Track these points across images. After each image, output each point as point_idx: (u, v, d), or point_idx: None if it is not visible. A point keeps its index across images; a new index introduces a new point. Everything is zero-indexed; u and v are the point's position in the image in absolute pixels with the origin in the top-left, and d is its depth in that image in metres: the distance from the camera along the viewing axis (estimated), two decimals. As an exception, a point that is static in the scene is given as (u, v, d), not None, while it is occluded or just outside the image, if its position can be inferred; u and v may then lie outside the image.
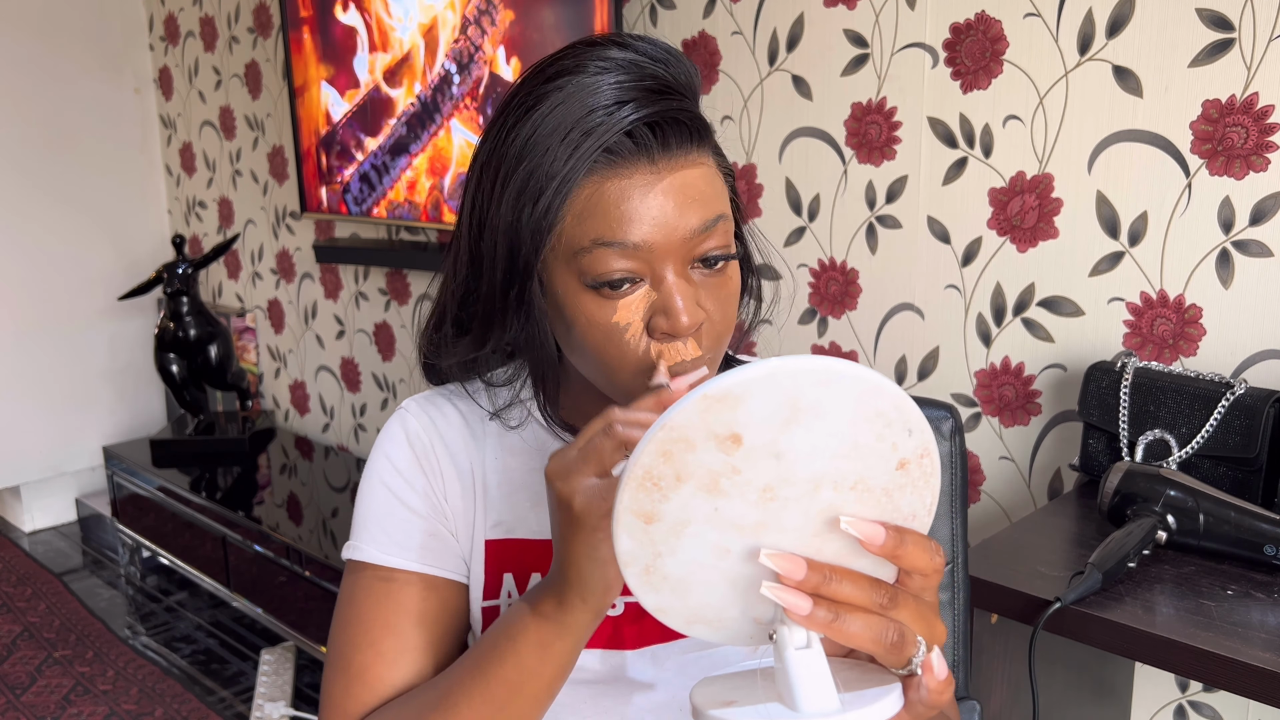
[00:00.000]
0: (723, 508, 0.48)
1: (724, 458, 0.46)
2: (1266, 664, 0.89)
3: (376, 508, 0.76)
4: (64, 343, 3.14)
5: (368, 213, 2.43)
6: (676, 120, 0.64)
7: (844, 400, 0.46)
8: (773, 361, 0.45)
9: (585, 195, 0.63)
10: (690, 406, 0.45)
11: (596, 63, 0.64)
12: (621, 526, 0.49)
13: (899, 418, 0.47)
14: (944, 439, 1.02)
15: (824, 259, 1.72)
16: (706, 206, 0.64)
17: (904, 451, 0.48)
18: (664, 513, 0.48)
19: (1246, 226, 1.28)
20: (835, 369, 0.45)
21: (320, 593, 2.17)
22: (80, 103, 3.10)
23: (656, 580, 0.50)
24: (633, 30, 1.91)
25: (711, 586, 0.51)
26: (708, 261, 0.65)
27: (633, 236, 0.63)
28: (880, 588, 0.49)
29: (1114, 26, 1.35)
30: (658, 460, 0.47)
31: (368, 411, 2.77)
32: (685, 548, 0.49)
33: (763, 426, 0.46)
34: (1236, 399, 1.18)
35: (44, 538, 3.17)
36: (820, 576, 0.48)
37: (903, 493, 0.49)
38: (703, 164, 0.65)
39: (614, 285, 0.64)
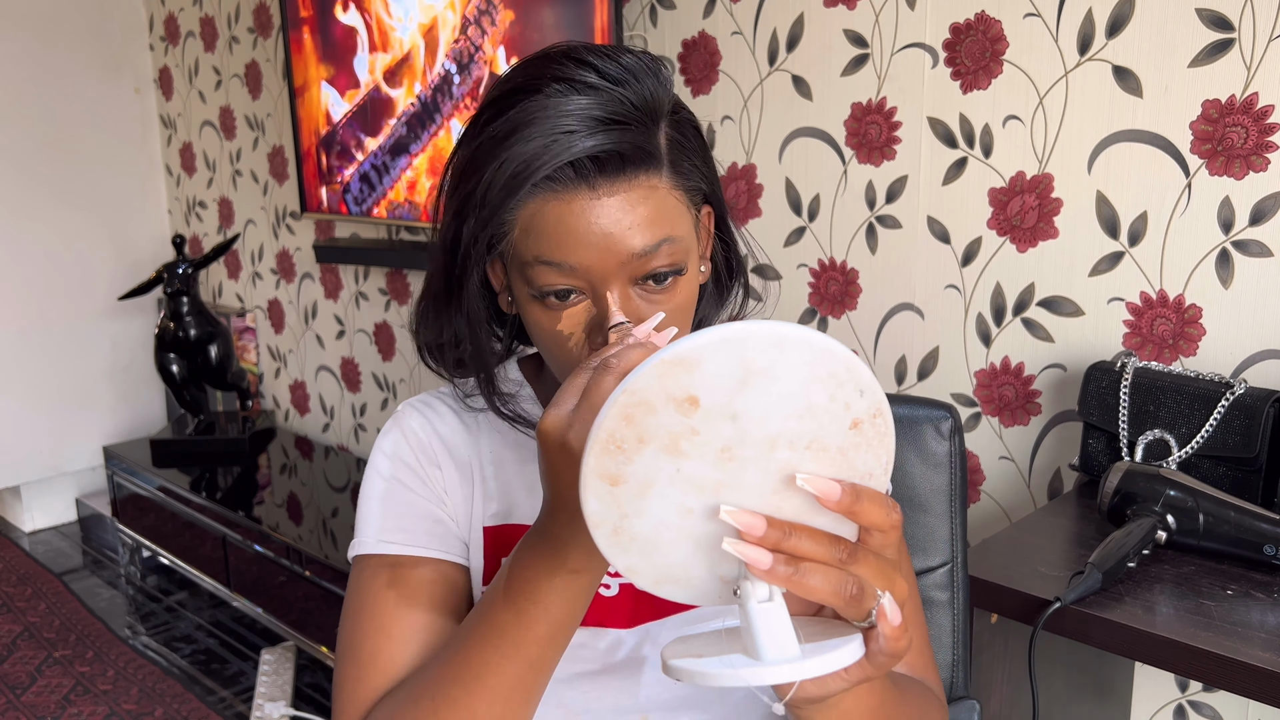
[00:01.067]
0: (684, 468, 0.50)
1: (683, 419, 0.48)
2: (1266, 664, 0.89)
3: (378, 501, 0.79)
4: (64, 343, 3.14)
5: (368, 213, 2.43)
6: (617, 146, 0.64)
7: (795, 363, 0.48)
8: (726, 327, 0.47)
9: (529, 213, 0.66)
10: (649, 371, 0.47)
11: (553, 84, 0.65)
12: (589, 489, 0.50)
13: (850, 379, 0.49)
14: (944, 439, 1.02)
15: (824, 259, 1.72)
16: (649, 229, 0.66)
17: (856, 411, 0.50)
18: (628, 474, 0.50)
19: (1246, 226, 1.28)
20: (785, 333, 0.47)
21: (320, 593, 2.17)
22: (80, 103, 3.10)
23: (625, 541, 0.52)
24: (632, 30, 1.91)
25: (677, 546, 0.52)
26: (655, 278, 0.68)
27: (569, 259, 0.65)
28: (839, 543, 0.51)
29: (1114, 26, 1.35)
30: (620, 424, 0.49)
31: (368, 411, 2.77)
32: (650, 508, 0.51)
33: (718, 389, 0.48)
34: (1236, 399, 1.18)
35: (44, 538, 3.17)
36: (780, 532, 0.50)
37: (858, 451, 0.51)
38: (648, 186, 0.67)
39: (558, 296, 0.67)
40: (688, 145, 0.70)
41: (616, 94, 0.66)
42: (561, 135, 0.64)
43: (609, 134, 0.64)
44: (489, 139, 0.67)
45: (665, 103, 0.69)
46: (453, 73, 2.14)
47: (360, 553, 0.78)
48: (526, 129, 0.65)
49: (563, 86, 0.65)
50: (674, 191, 0.68)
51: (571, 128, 0.64)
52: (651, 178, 0.67)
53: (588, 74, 0.66)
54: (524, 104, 0.66)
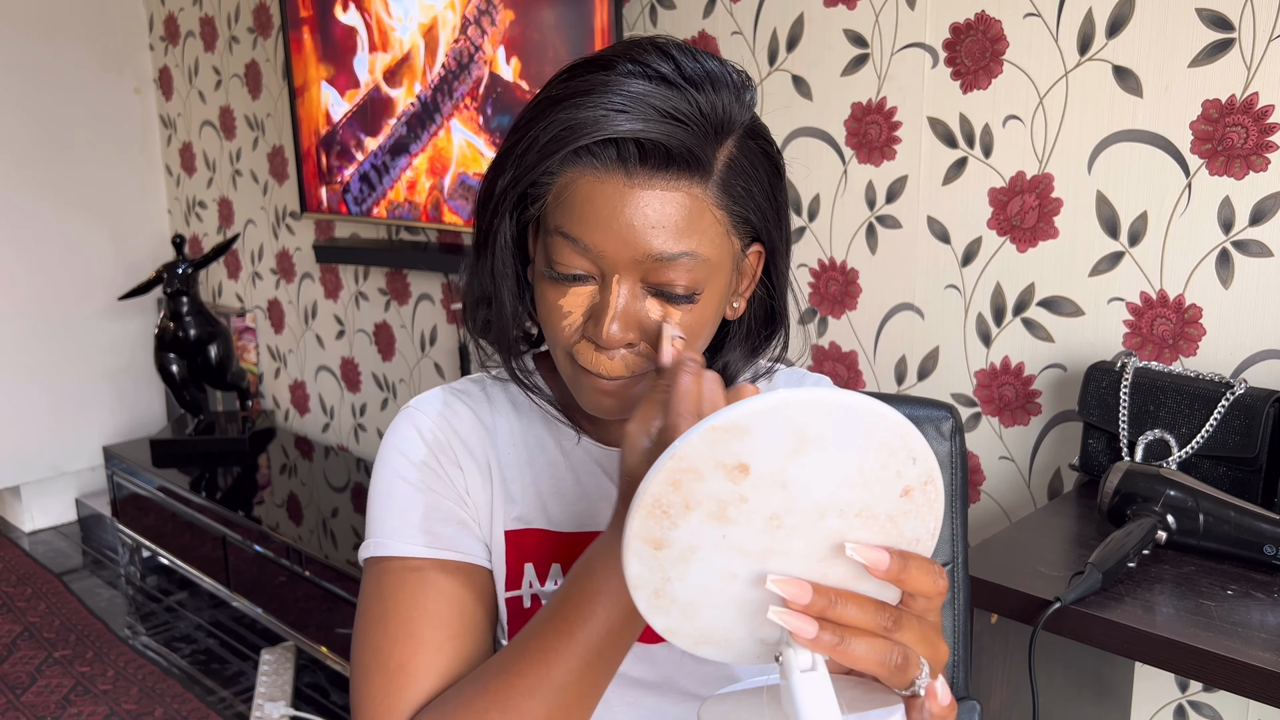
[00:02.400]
0: (730, 534, 0.48)
1: (732, 486, 0.47)
2: (1266, 664, 0.89)
3: (396, 502, 0.75)
4: (64, 343, 3.14)
5: (368, 213, 2.43)
6: (665, 140, 0.62)
7: (849, 431, 0.47)
8: (780, 393, 0.46)
9: (564, 183, 0.65)
10: (698, 438, 0.46)
11: (627, 64, 0.64)
12: (631, 552, 0.50)
13: (903, 446, 0.48)
14: (944, 439, 1.02)
15: (824, 259, 1.72)
16: (675, 236, 0.64)
17: (908, 479, 0.49)
18: (673, 539, 0.49)
19: (1246, 226, 1.28)
20: (841, 401, 0.46)
21: (320, 593, 2.17)
22: (80, 103, 3.10)
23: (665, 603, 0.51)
24: (632, 31, 1.91)
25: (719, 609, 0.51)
26: (665, 295, 0.66)
27: (586, 237, 0.64)
28: (884, 611, 0.50)
29: (1114, 26, 1.35)
30: (666, 489, 0.48)
31: (368, 411, 2.77)
32: (693, 573, 0.50)
33: (770, 457, 0.47)
34: (1236, 399, 1.18)
35: (44, 538, 3.17)
36: (826, 600, 0.49)
37: (907, 519, 0.50)
38: (689, 194, 0.64)
39: (568, 277, 0.66)
40: (751, 173, 0.67)
41: (686, 93, 0.63)
42: (613, 112, 0.62)
43: (661, 125, 0.62)
44: (547, 99, 0.66)
45: (738, 121, 0.66)
46: (453, 73, 2.14)
47: (379, 554, 0.73)
48: (583, 97, 0.63)
49: (635, 68, 0.64)
50: (716, 210, 0.66)
51: (625, 108, 0.62)
52: (695, 186, 0.64)
53: (664, 65, 0.64)
54: (591, 75, 0.65)
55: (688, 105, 0.63)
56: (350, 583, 2.08)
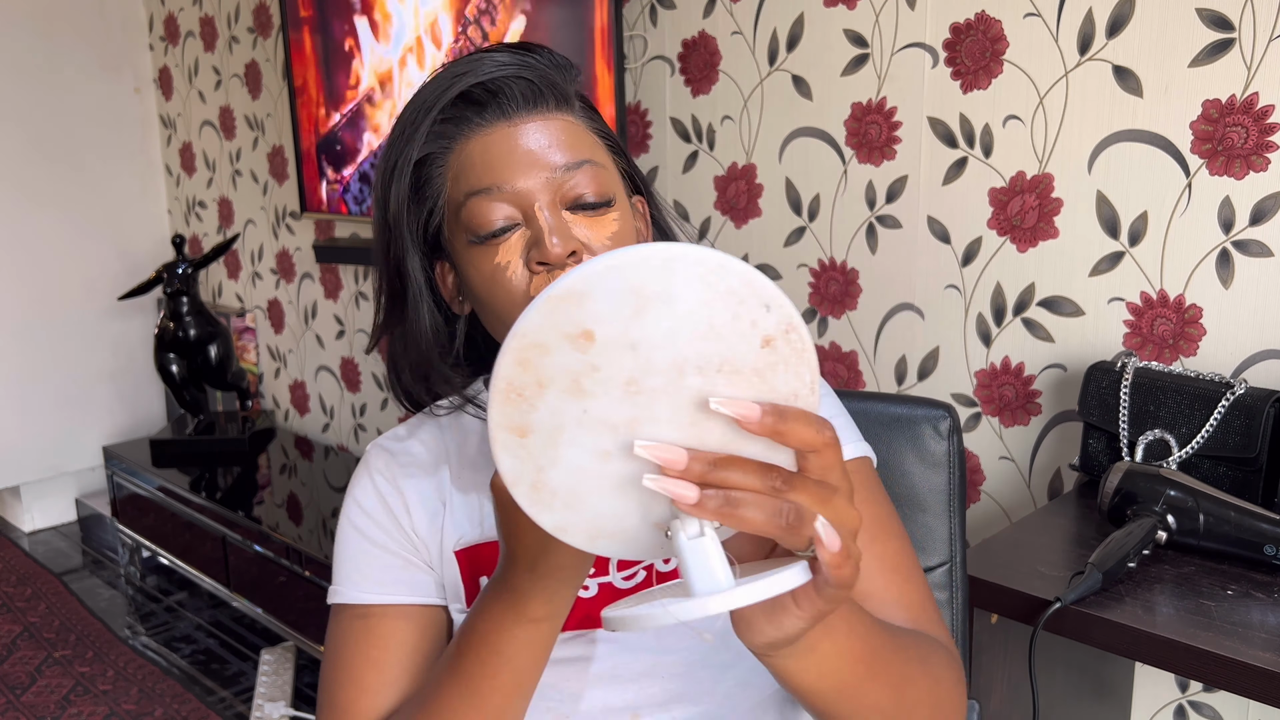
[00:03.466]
0: (591, 408, 0.47)
1: (580, 356, 0.46)
2: (1266, 664, 0.89)
3: (348, 550, 0.81)
4: (64, 343, 3.14)
5: (368, 212, 2.43)
6: (524, 79, 0.70)
7: (689, 283, 0.45)
8: (612, 254, 0.45)
9: (456, 159, 0.71)
10: (537, 309, 0.45)
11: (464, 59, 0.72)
12: (499, 445, 0.48)
13: (751, 294, 0.46)
14: (941, 439, 1.02)
15: (824, 259, 1.72)
16: (569, 150, 0.70)
17: (766, 328, 0.46)
18: (535, 423, 0.47)
19: (1246, 226, 1.28)
20: (674, 252, 0.45)
21: (320, 592, 2.17)
22: (80, 103, 3.10)
23: (546, 496, 0.49)
24: (632, 30, 1.91)
25: (602, 494, 0.49)
26: (583, 206, 0.70)
27: (497, 180, 0.69)
28: (771, 470, 0.47)
29: (1114, 26, 1.35)
30: (516, 370, 0.46)
31: (368, 411, 2.77)
32: (565, 456, 0.48)
33: (612, 319, 0.45)
34: (1236, 399, 1.18)
35: (44, 538, 3.17)
36: (704, 465, 0.47)
37: (775, 371, 0.47)
38: (565, 121, 0.72)
39: (494, 234, 0.70)
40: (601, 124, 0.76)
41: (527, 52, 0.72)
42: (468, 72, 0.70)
43: (518, 69, 0.70)
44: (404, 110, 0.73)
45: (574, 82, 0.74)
46: (453, 73, 2.14)
47: (334, 601, 0.80)
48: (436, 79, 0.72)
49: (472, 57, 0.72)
50: (592, 134, 0.73)
51: (479, 67, 0.70)
52: (566, 114, 0.72)
53: (499, 49, 0.72)
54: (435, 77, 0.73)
55: (533, 57, 0.72)
56: (350, 583, 2.08)
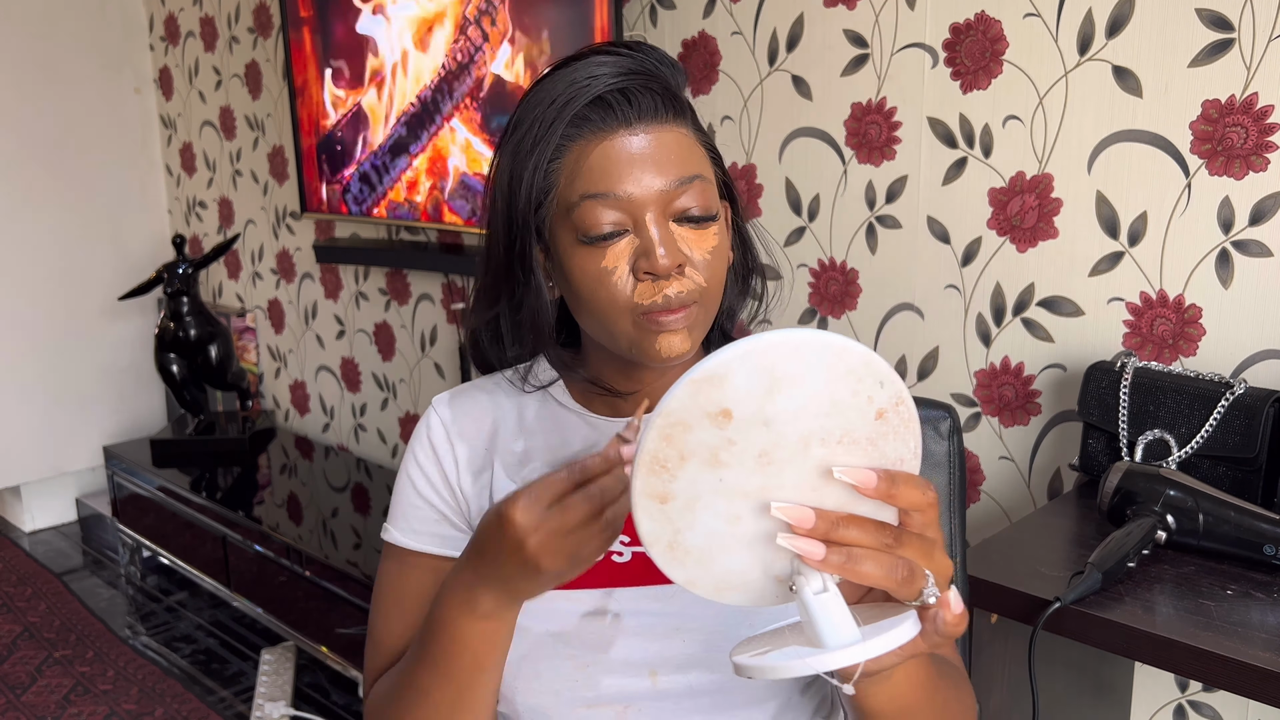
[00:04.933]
0: (726, 477, 0.52)
1: (719, 432, 0.51)
2: (1266, 664, 0.89)
3: (401, 496, 0.86)
4: (64, 342, 3.14)
5: (368, 213, 2.43)
6: (648, 89, 0.74)
7: (815, 364, 0.51)
8: (746, 340, 0.50)
9: (574, 158, 0.74)
10: (681, 391, 0.51)
11: (589, 54, 0.75)
12: (640, 510, 0.53)
13: (868, 373, 0.52)
14: (942, 439, 1.02)
15: (824, 259, 1.72)
16: (682, 165, 0.74)
17: (880, 402, 0.53)
18: (675, 491, 0.53)
19: (1246, 226, 1.28)
20: (803, 338, 0.51)
21: (320, 593, 2.17)
22: (80, 103, 3.10)
23: (680, 555, 0.55)
24: (632, 30, 1.91)
25: (731, 553, 0.55)
26: (689, 219, 0.74)
27: (613, 187, 0.72)
28: (885, 528, 0.54)
29: (1114, 26, 1.35)
30: (661, 444, 0.52)
31: (368, 411, 2.77)
32: (700, 520, 0.54)
33: (748, 399, 0.51)
34: (1236, 399, 1.18)
35: (44, 538, 3.17)
36: (829, 523, 0.53)
37: (886, 440, 0.53)
38: (678, 131, 0.75)
39: (604, 237, 0.73)
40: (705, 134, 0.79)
41: (646, 57, 0.75)
42: (596, 77, 0.73)
43: (640, 79, 0.74)
44: (532, 95, 0.76)
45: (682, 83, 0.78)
46: (452, 73, 2.14)
47: (385, 538, 0.86)
48: (565, 79, 0.74)
49: (597, 56, 0.75)
50: (700, 146, 0.77)
51: (604, 73, 0.73)
52: (680, 125, 0.75)
53: (619, 49, 0.76)
54: (561, 69, 0.76)
55: (652, 65, 0.76)
56: (350, 582, 2.08)
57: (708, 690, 0.79)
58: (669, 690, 0.79)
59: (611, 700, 0.79)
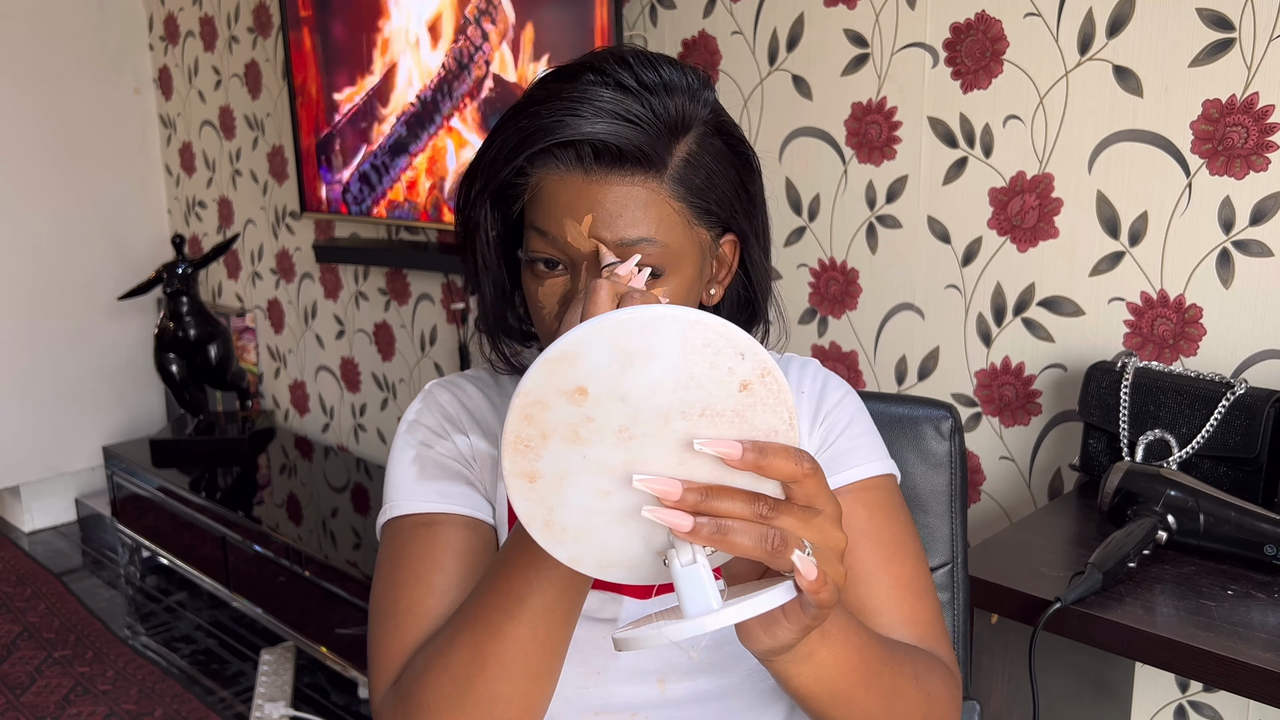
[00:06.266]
0: (589, 454, 0.53)
1: (576, 409, 0.52)
2: (1266, 664, 0.89)
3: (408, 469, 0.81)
4: (64, 343, 3.14)
5: (368, 213, 2.43)
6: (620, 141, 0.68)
7: (668, 339, 0.51)
8: (600, 317, 0.50)
9: (535, 182, 0.72)
10: (536, 371, 0.51)
11: (588, 73, 0.70)
12: (513, 491, 0.54)
13: (726, 345, 0.51)
14: (943, 439, 1.02)
15: (824, 259, 1.72)
16: (631, 226, 0.69)
17: (743, 374, 0.52)
18: (541, 469, 0.53)
19: (1247, 226, 1.28)
20: (653, 313, 0.50)
21: (320, 593, 2.17)
22: (80, 103, 3.10)
23: (558, 533, 0.55)
24: (632, 30, 1.91)
25: (608, 529, 0.55)
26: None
27: (554, 230, 0.71)
28: (759, 499, 0.52)
29: (1114, 26, 1.35)
30: (522, 424, 0.52)
31: (368, 411, 2.77)
32: (570, 497, 0.54)
33: (603, 375, 0.51)
34: (1237, 399, 1.18)
35: (44, 538, 3.17)
36: (698, 495, 0.51)
37: (754, 412, 0.52)
38: (646, 188, 0.69)
39: (545, 264, 0.72)
40: (713, 168, 0.72)
41: (641, 97, 0.69)
42: (568, 118, 0.68)
43: (614, 127, 0.68)
44: (515, 107, 0.73)
45: (694, 120, 0.71)
46: (452, 73, 2.14)
47: (393, 515, 0.79)
48: (544, 105, 0.70)
49: (595, 77, 0.70)
50: (673, 202, 0.71)
51: (582, 114, 0.68)
52: (650, 181, 0.70)
53: (622, 73, 0.70)
54: (555, 84, 0.71)
55: (641, 108, 0.69)
56: (350, 582, 2.08)
57: (716, 696, 0.79)
58: (677, 697, 0.79)
59: (620, 709, 0.79)
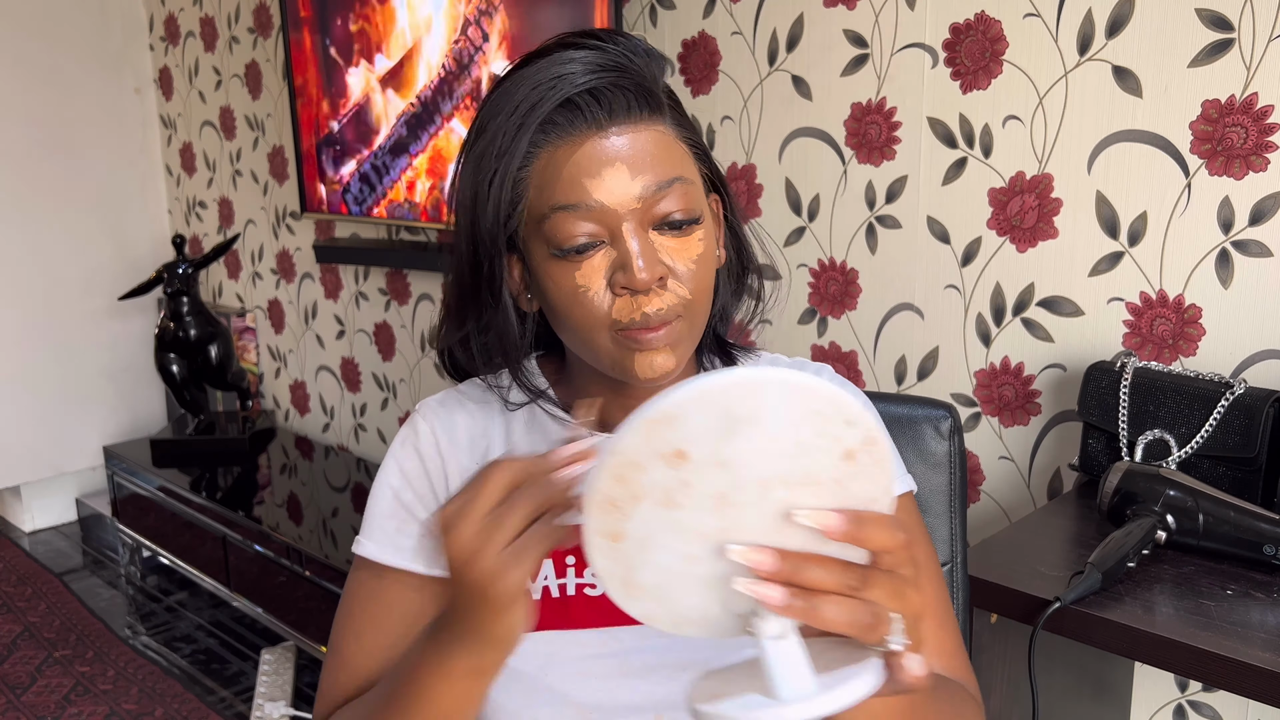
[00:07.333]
0: (681, 519, 0.50)
1: (673, 473, 0.49)
2: (1266, 664, 0.89)
3: (379, 508, 0.79)
4: (64, 343, 3.14)
5: (368, 213, 2.43)
6: (619, 86, 0.67)
7: (776, 405, 0.48)
8: (704, 377, 0.47)
9: (541, 166, 0.68)
10: (634, 431, 0.48)
11: (556, 49, 0.69)
12: (593, 548, 0.51)
13: (835, 412, 0.48)
14: (943, 439, 1.02)
15: (824, 259, 1.72)
16: (660, 167, 0.68)
17: (848, 442, 0.49)
18: (628, 530, 0.50)
19: (1246, 226, 1.28)
20: (762, 377, 0.47)
21: (320, 592, 2.17)
22: (80, 103, 3.10)
23: (635, 591, 0.53)
24: (632, 30, 1.91)
25: (688, 591, 0.52)
26: (670, 225, 0.68)
27: (585, 198, 0.67)
28: (851, 570, 0.50)
29: (1114, 26, 1.35)
30: (612, 484, 0.49)
31: (368, 411, 2.77)
32: (655, 559, 0.51)
33: (704, 440, 0.48)
34: (1236, 399, 1.18)
35: (44, 538, 3.17)
36: (791, 565, 0.49)
37: (855, 481, 0.50)
38: (655, 129, 0.69)
39: (578, 250, 0.68)
40: (687, 126, 0.73)
41: (620, 46, 0.69)
42: (563, 77, 0.67)
43: (612, 75, 0.67)
44: (496, 97, 0.70)
45: (662, 77, 0.71)
46: (453, 73, 2.14)
47: (356, 551, 0.79)
48: (530, 80, 0.68)
49: (567, 49, 0.68)
50: (681, 143, 0.71)
51: (573, 71, 0.67)
52: (657, 123, 0.69)
53: (589, 40, 0.69)
54: (527, 68, 0.69)
55: (624, 57, 0.69)
56: (350, 583, 2.08)
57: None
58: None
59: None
